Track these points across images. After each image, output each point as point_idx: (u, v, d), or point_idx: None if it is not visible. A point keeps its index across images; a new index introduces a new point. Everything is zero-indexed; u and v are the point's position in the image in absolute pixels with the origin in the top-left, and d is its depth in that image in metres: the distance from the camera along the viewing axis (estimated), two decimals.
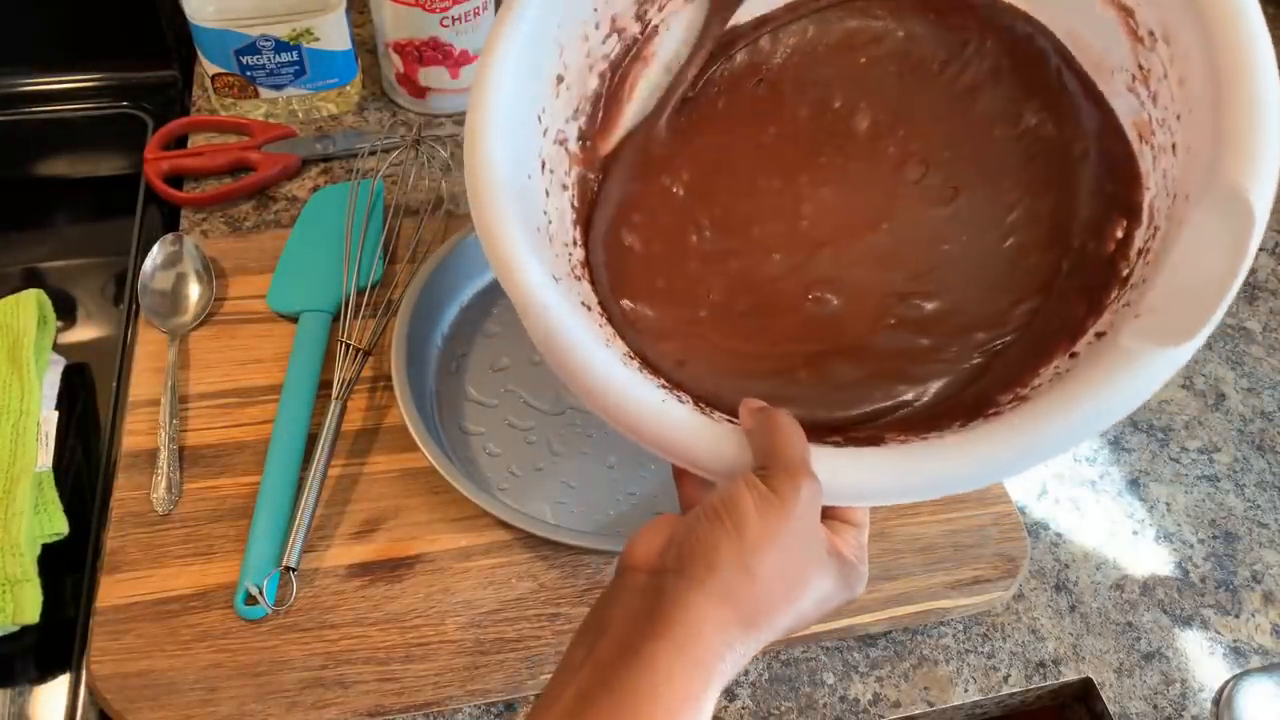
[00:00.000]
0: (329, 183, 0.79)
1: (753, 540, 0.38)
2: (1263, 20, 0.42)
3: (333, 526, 0.59)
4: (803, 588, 0.39)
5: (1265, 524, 0.65)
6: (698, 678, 0.36)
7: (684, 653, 0.36)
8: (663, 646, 0.36)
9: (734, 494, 0.39)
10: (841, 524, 0.43)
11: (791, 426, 0.41)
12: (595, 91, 0.56)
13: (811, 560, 0.40)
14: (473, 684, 0.54)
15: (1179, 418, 0.70)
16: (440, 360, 0.68)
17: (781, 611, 0.39)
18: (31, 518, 0.57)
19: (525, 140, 0.50)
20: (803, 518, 0.39)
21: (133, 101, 0.85)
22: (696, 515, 0.39)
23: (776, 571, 0.38)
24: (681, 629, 0.37)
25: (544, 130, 0.53)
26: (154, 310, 0.68)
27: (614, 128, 0.57)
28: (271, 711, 0.53)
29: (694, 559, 0.38)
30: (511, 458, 0.63)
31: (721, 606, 0.37)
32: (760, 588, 0.38)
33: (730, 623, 0.37)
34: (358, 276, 0.68)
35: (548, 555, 0.59)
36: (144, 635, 0.55)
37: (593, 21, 0.54)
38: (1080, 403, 0.40)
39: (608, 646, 0.37)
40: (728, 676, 0.38)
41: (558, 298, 0.44)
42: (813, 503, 0.39)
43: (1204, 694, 0.58)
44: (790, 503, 0.38)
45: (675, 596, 0.37)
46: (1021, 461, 0.40)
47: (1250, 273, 0.80)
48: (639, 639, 0.37)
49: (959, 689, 0.57)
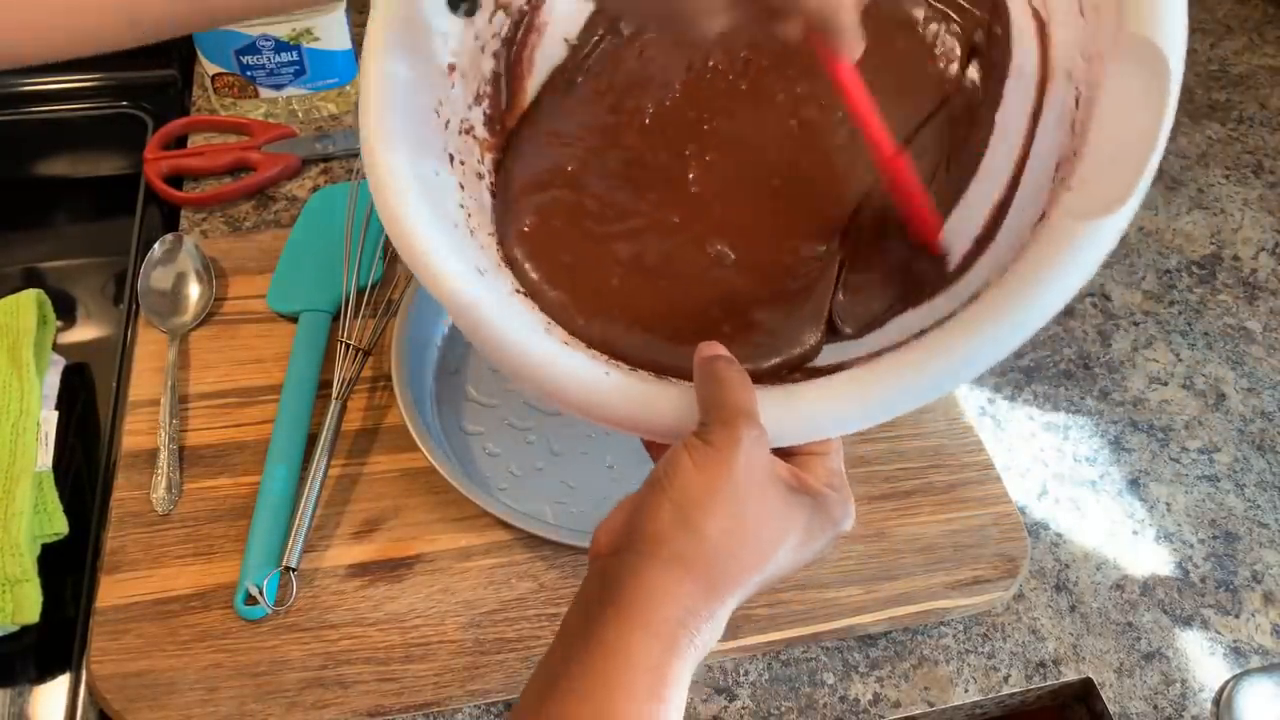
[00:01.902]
0: (329, 183, 0.79)
1: (696, 499, 0.37)
2: None
3: (333, 526, 0.59)
4: (766, 535, 0.38)
5: (1265, 524, 0.65)
6: (657, 648, 0.35)
7: (639, 624, 0.36)
8: (618, 622, 0.36)
9: (673, 456, 0.38)
10: (807, 456, 0.41)
11: (730, 373, 0.40)
12: (493, 72, 0.54)
13: (769, 507, 0.38)
14: (473, 684, 0.54)
15: (1179, 418, 0.70)
16: (440, 360, 0.68)
17: (747, 566, 0.38)
18: (31, 518, 0.57)
19: (426, 138, 0.49)
20: (746, 464, 0.37)
21: (133, 101, 0.85)
22: (645, 488, 0.39)
23: (729, 526, 0.37)
24: (635, 602, 0.36)
25: (445, 123, 0.51)
26: (154, 310, 0.68)
27: (520, 106, 0.55)
28: (271, 711, 0.53)
29: (642, 531, 0.37)
30: (511, 458, 0.63)
31: (674, 573, 0.36)
32: (713, 546, 0.37)
33: (688, 588, 0.36)
34: (358, 276, 0.68)
35: (548, 555, 0.59)
36: (144, 635, 0.55)
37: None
38: (1026, 291, 0.38)
39: (572, 631, 0.37)
40: (699, 645, 0.37)
41: (482, 291, 0.43)
42: (754, 448, 0.38)
43: (1204, 694, 0.58)
44: (729, 453, 0.37)
45: (628, 571, 0.37)
46: (973, 363, 0.39)
47: (1250, 272, 0.80)
48: (597, 618, 0.36)
49: (959, 689, 0.57)
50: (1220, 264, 0.80)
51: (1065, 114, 0.44)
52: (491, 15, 0.53)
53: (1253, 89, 0.95)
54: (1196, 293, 0.78)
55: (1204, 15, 1.01)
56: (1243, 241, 0.82)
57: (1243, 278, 0.79)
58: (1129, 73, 0.39)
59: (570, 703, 0.35)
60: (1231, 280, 0.79)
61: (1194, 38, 0.99)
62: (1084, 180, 0.39)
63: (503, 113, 0.55)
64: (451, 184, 0.50)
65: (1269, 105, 0.94)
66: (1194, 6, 0.39)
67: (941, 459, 0.65)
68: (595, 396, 0.42)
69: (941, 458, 0.65)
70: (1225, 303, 0.78)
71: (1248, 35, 1.00)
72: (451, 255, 0.44)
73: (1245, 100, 0.94)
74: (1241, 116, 0.92)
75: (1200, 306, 0.77)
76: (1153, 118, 0.37)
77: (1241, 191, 0.86)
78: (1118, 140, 0.38)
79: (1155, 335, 0.75)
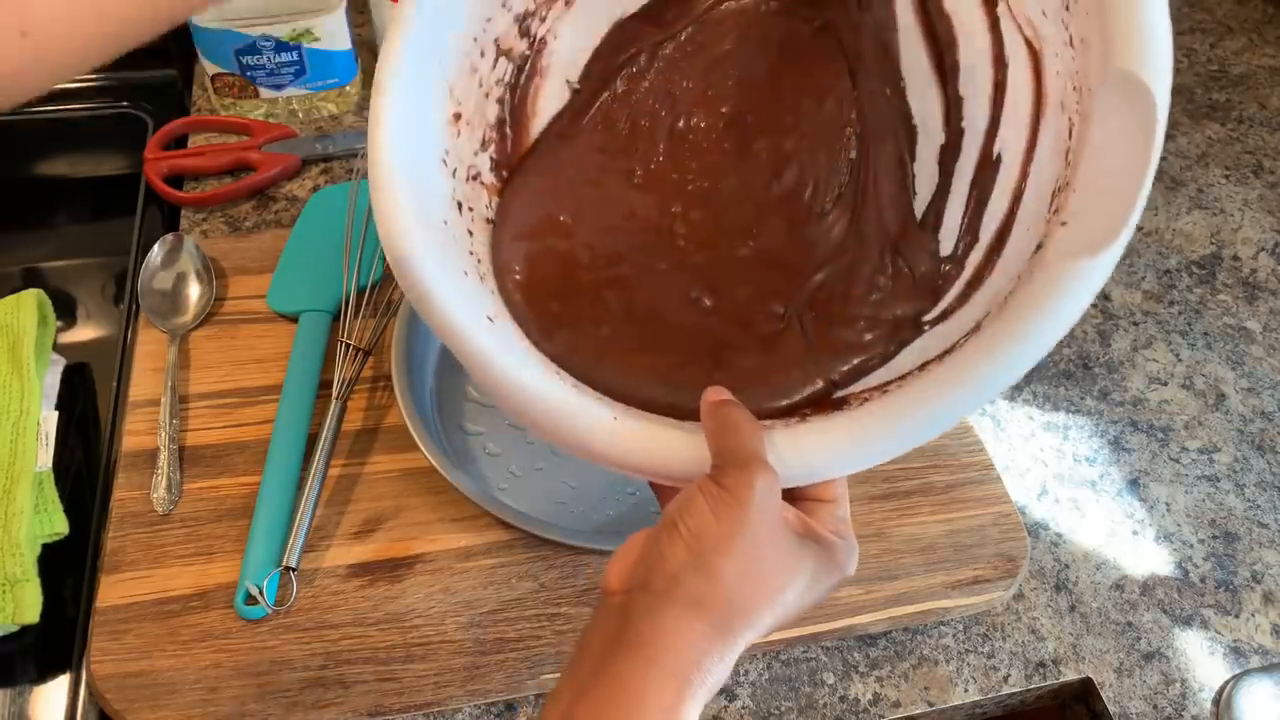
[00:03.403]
0: (329, 183, 0.79)
1: (712, 543, 0.37)
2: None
3: (333, 526, 0.59)
4: (778, 581, 0.38)
5: (1265, 524, 0.65)
6: (671, 689, 0.36)
7: (655, 665, 0.36)
8: (634, 661, 0.36)
9: (688, 499, 0.39)
10: (815, 503, 0.42)
11: (740, 418, 0.41)
12: (498, 118, 0.55)
13: (781, 551, 0.39)
14: (473, 684, 0.54)
15: (1179, 418, 0.70)
16: (440, 360, 0.68)
17: (759, 609, 0.38)
18: (31, 518, 0.57)
19: (433, 189, 0.50)
20: (761, 509, 0.38)
21: (133, 101, 0.85)
22: (658, 528, 0.39)
23: (743, 569, 0.37)
24: (651, 643, 0.36)
25: (452, 171, 0.52)
26: (154, 310, 0.68)
27: (523, 149, 0.56)
28: (271, 711, 0.53)
29: (657, 572, 0.38)
30: (511, 458, 0.63)
31: (690, 615, 0.37)
32: (728, 589, 0.37)
33: (701, 630, 0.37)
34: (358, 276, 0.68)
35: (548, 555, 0.59)
36: (144, 635, 0.55)
37: (476, 51, 0.53)
38: (1019, 331, 0.39)
39: (586, 668, 0.37)
40: (710, 685, 0.37)
41: (490, 339, 0.44)
42: (768, 493, 0.38)
43: (1204, 694, 0.58)
44: (744, 498, 0.38)
45: (643, 611, 0.37)
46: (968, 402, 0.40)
47: (1250, 272, 0.80)
48: (611, 656, 0.37)
49: (959, 689, 0.57)
50: (1220, 264, 0.80)
51: (1060, 144, 0.45)
52: (495, 62, 0.54)
53: (1253, 89, 0.95)
54: (1196, 293, 0.78)
55: (1204, 15, 1.01)
56: (1243, 241, 0.82)
57: (1243, 278, 0.79)
58: (1116, 107, 0.39)
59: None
60: (1231, 280, 0.79)
61: (1194, 38, 0.99)
62: (1075, 214, 0.39)
63: (509, 157, 0.56)
64: (460, 232, 0.51)
65: (1269, 105, 0.94)
66: (1194, 6, 0.39)
67: (941, 459, 0.65)
68: (605, 443, 0.43)
69: (941, 458, 0.65)
70: (1225, 303, 0.78)
71: (1248, 35, 1.00)
72: (461, 304, 0.45)
73: (1245, 100, 0.94)
74: (1241, 116, 0.92)
75: (1200, 306, 0.77)
76: (1140, 152, 0.38)
77: (1241, 191, 0.86)
78: (1107, 174, 0.39)
79: (1155, 335, 0.75)
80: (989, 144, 0.50)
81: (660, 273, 0.53)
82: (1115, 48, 0.39)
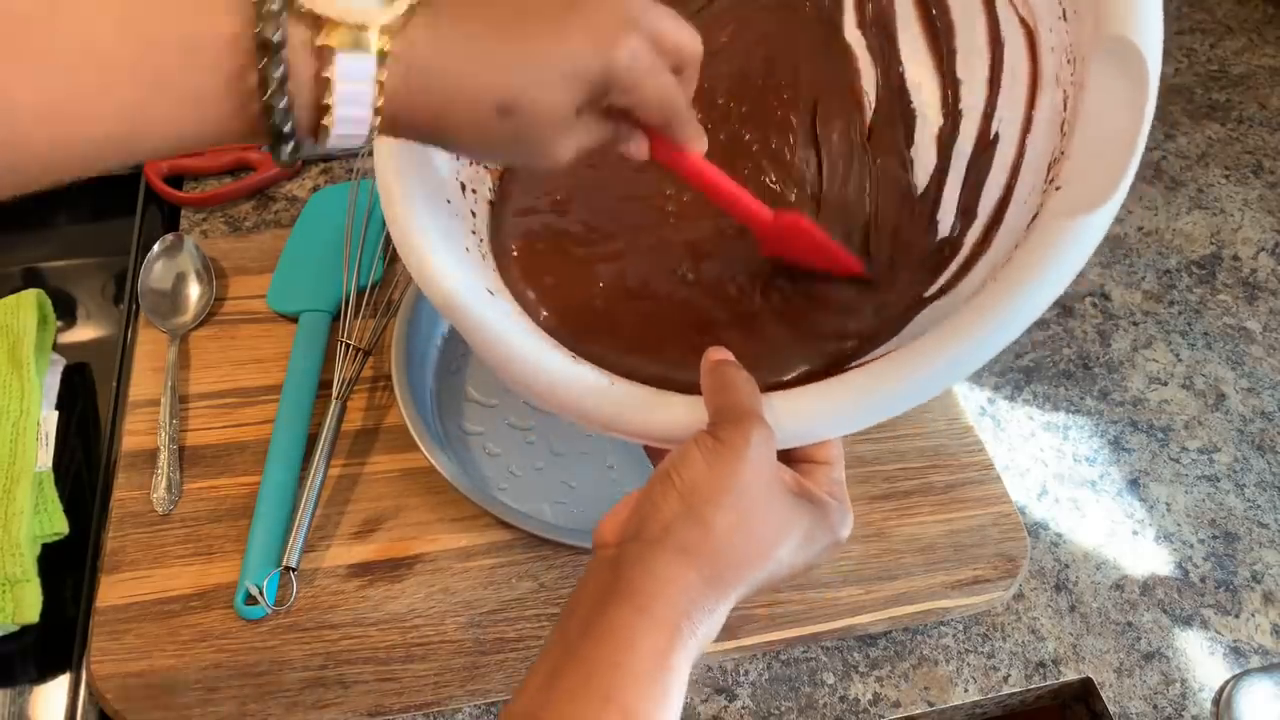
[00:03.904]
0: (329, 183, 0.79)
1: (705, 493, 0.38)
2: None
3: (333, 526, 0.59)
4: (770, 535, 0.39)
5: (1265, 524, 0.65)
6: (662, 637, 0.36)
7: (645, 612, 0.36)
8: (624, 609, 0.36)
9: (683, 452, 0.39)
10: (811, 464, 0.42)
11: (738, 376, 0.41)
12: None
13: (775, 507, 0.39)
14: (473, 684, 0.54)
15: (1179, 418, 0.70)
16: (440, 360, 0.68)
17: (750, 562, 0.38)
18: (31, 518, 0.57)
19: (437, 171, 0.51)
20: (755, 463, 0.38)
21: None
22: (652, 480, 0.39)
23: (735, 521, 0.38)
24: (642, 590, 0.36)
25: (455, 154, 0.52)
26: (154, 310, 0.68)
27: None
28: (271, 711, 0.53)
29: (650, 521, 0.38)
30: (511, 458, 0.63)
31: (681, 563, 0.37)
32: (719, 540, 0.37)
33: (692, 579, 0.37)
34: (358, 276, 0.68)
35: (548, 555, 0.59)
36: (144, 635, 0.55)
37: None
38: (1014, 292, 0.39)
39: (577, 618, 0.37)
40: (701, 636, 0.37)
41: (491, 311, 0.45)
42: (763, 447, 0.39)
43: (1204, 694, 0.58)
44: (739, 449, 0.38)
45: (634, 560, 0.37)
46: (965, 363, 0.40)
47: (1250, 272, 0.80)
48: (602, 605, 0.37)
49: (959, 689, 0.57)
50: (1220, 264, 0.80)
51: (1055, 117, 0.45)
52: None
53: (1253, 89, 0.95)
54: (1196, 293, 0.78)
55: (1204, 15, 1.01)
56: (1242, 241, 0.82)
57: (1242, 278, 0.79)
58: (1109, 72, 0.39)
59: (576, 684, 0.35)
60: (1231, 280, 0.79)
61: (1194, 38, 0.99)
62: (1070, 179, 0.40)
63: None
64: (464, 211, 0.51)
65: (1269, 105, 0.94)
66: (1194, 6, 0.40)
67: (941, 459, 0.65)
68: (603, 407, 0.43)
69: (941, 458, 0.65)
70: (1225, 303, 0.78)
71: (1248, 35, 1.00)
72: (461, 277, 0.45)
73: (1245, 100, 0.94)
74: (1241, 116, 0.92)
75: (1200, 306, 0.77)
76: (1134, 114, 0.38)
77: (1241, 191, 0.86)
78: (1101, 138, 0.39)
79: (1155, 335, 0.75)
80: (986, 124, 0.51)
81: (651, 250, 0.53)
82: (1106, 14, 0.40)
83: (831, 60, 0.57)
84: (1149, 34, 0.39)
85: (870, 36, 0.56)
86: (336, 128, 0.34)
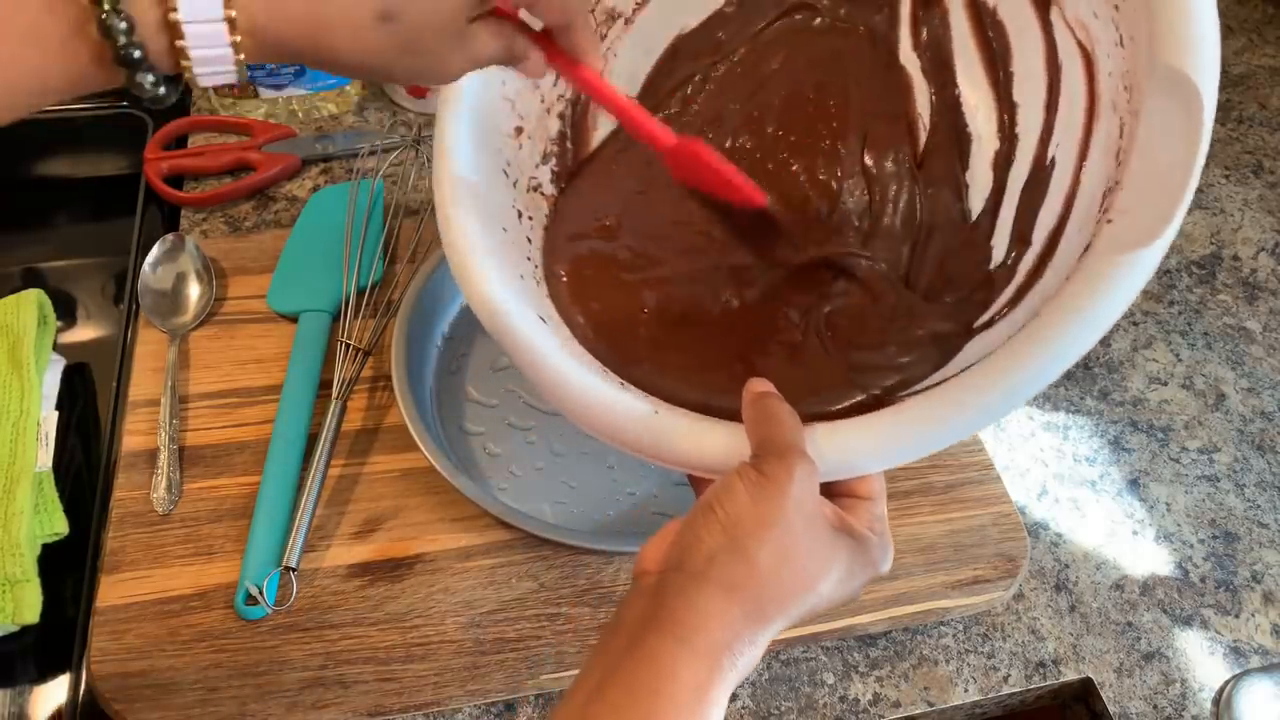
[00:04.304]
0: (329, 183, 0.79)
1: (749, 527, 0.37)
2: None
3: (333, 526, 0.59)
4: (812, 570, 0.39)
5: (1265, 524, 0.65)
6: (703, 669, 0.36)
7: (686, 644, 0.36)
8: (666, 639, 0.36)
9: (727, 483, 0.39)
10: (853, 499, 0.42)
11: (781, 409, 0.41)
12: (559, 132, 0.57)
13: (817, 541, 0.39)
14: (473, 684, 0.54)
15: (1179, 418, 0.70)
16: (440, 360, 0.68)
17: (792, 596, 0.38)
18: (31, 518, 0.57)
19: (496, 197, 0.51)
20: (798, 498, 0.38)
21: (133, 101, 0.84)
22: (695, 511, 0.39)
23: (778, 556, 0.38)
24: (684, 622, 0.36)
25: (514, 182, 0.54)
26: (154, 310, 0.68)
27: (584, 159, 0.58)
28: (271, 711, 0.53)
29: (693, 553, 0.38)
30: (511, 458, 0.63)
31: (723, 597, 0.37)
32: (762, 574, 0.37)
33: (734, 613, 0.37)
34: (358, 276, 0.68)
35: (548, 555, 0.59)
36: (144, 635, 0.55)
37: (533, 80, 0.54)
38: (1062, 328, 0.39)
39: (617, 645, 0.37)
40: (740, 668, 0.37)
41: (544, 340, 0.46)
42: (806, 482, 0.39)
43: (1204, 694, 0.58)
44: (783, 484, 0.38)
45: (677, 591, 0.37)
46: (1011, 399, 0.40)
47: (1250, 272, 0.80)
48: (644, 634, 0.37)
49: (959, 689, 0.57)
50: (1220, 264, 0.80)
51: (1111, 144, 0.45)
52: (556, 79, 0.56)
53: (1253, 89, 0.95)
54: (1196, 293, 0.78)
55: None
56: (1243, 241, 0.82)
57: (1243, 278, 0.79)
58: (1163, 104, 0.39)
59: (618, 703, 0.36)
60: (1231, 280, 0.79)
61: None
62: (1123, 211, 0.39)
63: (569, 169, 0.57)
64: (519, 238, 0.53)
65: (1269, 105, 0.94)
66: None
67: (941, 459, 0.65)
68: (647, 437, 0.44)
69: (941, 458, 0.65)
70: (1225, 303, 0.78)
71: (1248, 35, 1.00)
72: (515, 307, 0.47)
73: (1245, 100, 0.94)
74: (1241, 116, 0.92)
75: (1200, 306, 0.77)
76: (1187, 148, 0.38)
77: (1241, 191, 0.86)
78: (1154, 170, 0.39)
79: (1155, 335, 0.75)
80: (1043, 149, 0.50)
81: (696, 276, 0.54)
82: (1161, 44, 0.39)
83: (885, 84, 0.57)
84: (1204, 66, 0.38)
85: (926, 60, 0.56)
86: (195, 48, 0.32)
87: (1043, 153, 0.50)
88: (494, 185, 0.52)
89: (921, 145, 0.55)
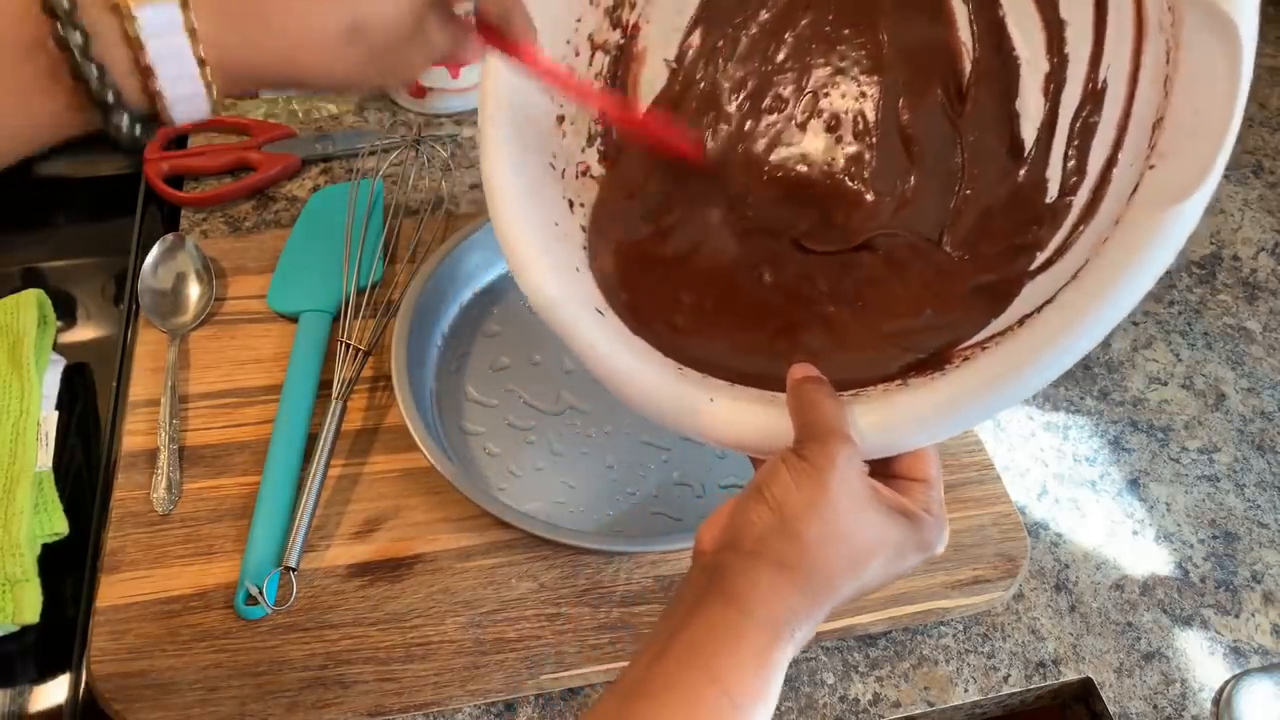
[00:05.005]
0: (329, 183, 0.79)
1: (795, 510, 0.39)
2: None
3: (333, 526, 0.59)
4: (861, 548, 0.40)
5: (1265, 524, 0.65)
6: (765, 634, 0.38)
7: (749, 615, 0.38)
8: (730, 610, 0.38)
9: (772, 468, 0.40)
10: (909, 482, 0.43)
11: (820, 394, 0.42)
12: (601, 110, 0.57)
13: (865, 521, 0.40)
14: (473, 684, 0.54)
15: (1179, 418, 0.70)
16: (440, 360, 0.68)
17: (841, 575, 0.39)
18: (31, 518, 0.57)
19: (546, 193, 0.52)
20: (841, 481, 0.39)
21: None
22: (746, 493, 0.41)
23: (825, 536, 0.39)
24: (746, 596, 0.38)
25: (561, 173, 0.54)
26: (154, 310, 0.68)
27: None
28: (271, 711, 0.53)
29: (745, 534, 0.40)
30: (511, 458, 0.63)
31: (778, 574, 0.39)
32: (811, 554, 0.39)
33: (788, 589, 0.38)
34: (358, 276, 0.68)
35: (548, 555, 0.59)
36: (144, 635, 0.55)
37: (571, 52, 0.54)
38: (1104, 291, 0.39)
39: (679, 615, 0.39)
40: (798, 640, 0.39)
41: (603, 333, 0.48)
42: (848, 465, 0.40)
43: (1204, 694, 0.58)
44: (824, 469, 0.39)
45: (736, 571, 0.39)
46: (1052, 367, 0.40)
47: (1250, 272, 0.80)
48: (704, 603, 0.39)
49: (959, 689, 0.57)
50: (1220, 264, 0.80)
51: (1159, 71, 0.44)
52: (591, 57, 0.56)
53: (1253, 89, 0.95)
54: (1196, 293, 0.78)
55: None
56: (1243, 241, 0.82)
57: (1243, 278, 0.79)
58: (1201, 43, 0.38)
59: (682, 660, 0.37)
60: (1231, 280, 0.79)
61: None
62: (1164, 155, 0.39)
63: (615, 144, 0.57)
64: (572, 229, 0.53)
65: (1269, 105, 0.94)
66: None
67: (941, 459, 0.64)
68: (701, 423, 0.46)
69: (941, 458, 0.64)
70: (1225, 303, 0.78)
71: None
72: (574, 301, 0.48)
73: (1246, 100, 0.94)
74: None
75: (1200, 306, 0.77)
76: (1226, 90, 0.37)
77: (1241, 191, 0.86)
78: (1194, 112, 0.38)
79: (1155, 335, 0.75)
80: (1094, 70, 0.49)
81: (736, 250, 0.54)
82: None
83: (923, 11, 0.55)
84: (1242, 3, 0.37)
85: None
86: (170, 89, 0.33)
87: (1094, 74, 0.49)
88: (543, 182, 0.52)
89: (966, 77, 0.54)
